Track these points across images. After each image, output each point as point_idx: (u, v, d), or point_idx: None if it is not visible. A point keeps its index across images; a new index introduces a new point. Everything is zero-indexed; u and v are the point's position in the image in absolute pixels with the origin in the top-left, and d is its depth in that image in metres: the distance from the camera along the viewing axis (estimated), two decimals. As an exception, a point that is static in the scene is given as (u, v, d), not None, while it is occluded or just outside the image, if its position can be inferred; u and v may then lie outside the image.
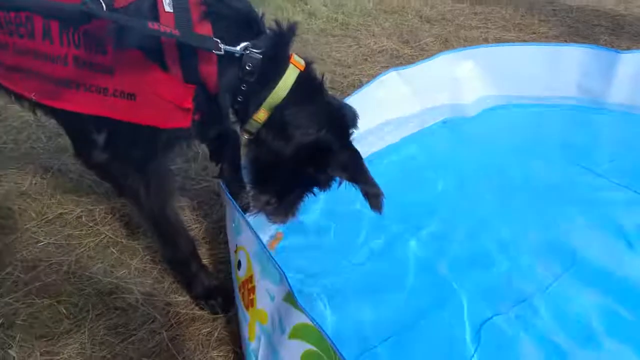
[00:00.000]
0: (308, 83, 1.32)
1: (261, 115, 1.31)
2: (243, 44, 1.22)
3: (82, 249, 1.73)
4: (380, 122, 2.12)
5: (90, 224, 1.83)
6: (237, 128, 1.41)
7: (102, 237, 1.78)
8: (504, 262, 1.63)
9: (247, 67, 1.23)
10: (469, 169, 2.03)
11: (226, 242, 1.77)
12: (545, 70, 2.38)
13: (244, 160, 1.51)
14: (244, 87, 1.27)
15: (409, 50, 3.14)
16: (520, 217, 1.79)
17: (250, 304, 1.33)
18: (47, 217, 1.84)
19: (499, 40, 3.29)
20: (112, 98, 1.21)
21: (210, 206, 1.92)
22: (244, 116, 1.33)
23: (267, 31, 1.28)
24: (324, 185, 1.42)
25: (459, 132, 2.26)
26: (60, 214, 1.87)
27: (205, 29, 1.19)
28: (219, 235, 1.80)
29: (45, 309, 1.53)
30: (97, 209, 1.88)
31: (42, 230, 1.79)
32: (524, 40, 3.27)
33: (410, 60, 2.87)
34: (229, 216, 1.53)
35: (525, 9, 3.76)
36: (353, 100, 1.92)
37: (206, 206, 1.92)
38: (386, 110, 2.14)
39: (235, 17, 1.25)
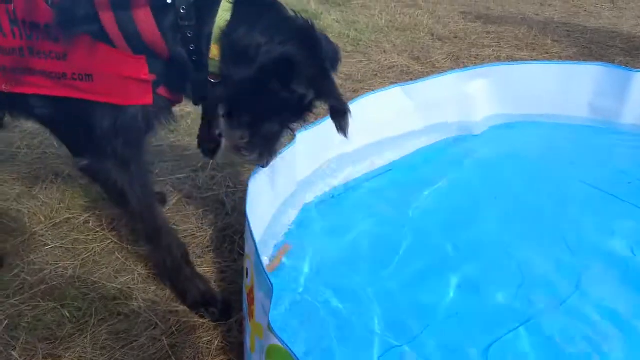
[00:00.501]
0: (252, 2, 1.27)
1: (214, 51, 1.26)
2: None
3: (88, 254, 1.75)
4: (382, 138, 2.12)
5: (97, 229, 1.85)
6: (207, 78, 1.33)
7: (108, 242, 1.80)
8: (513, 280, 1.60)
9: (182, 11, 1.22)
10: (476, 187, 2.02)
11: (230, 251, 1.79)
12: (557, 88, 2.36)
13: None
14: (189, 34, 1.24)
15: (420, 67, 3.16)
16: (529, 236, 1.76)
17: (250, 315, 1.33)
18: (55, 221, 1.87)
19: (511, 59, 3.30)
20: (72, 81, 1.25)
21: (216, 215, 1.94)
22: (203, 62, 1.29)
23: None
24: (295, 111, 1.35)
25: (466, 149, 2.26)
26: (68, 218, 1.89)
27: None
28: (223, 243, 1.81)
29: (49, 312, 1.54)
30: (104, 215, 1.90)
31: (49, 234, 1.82)
32: (537, 60, 3.28)
33: (420, 77, 2.88)
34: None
35: (539, 29, 3.78)
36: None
37: (212, 215, 1.93)
38: (388, 125, 2.13)
39: None
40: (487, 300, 1.54)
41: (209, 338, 1.50)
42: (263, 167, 1.52)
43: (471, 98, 2.33)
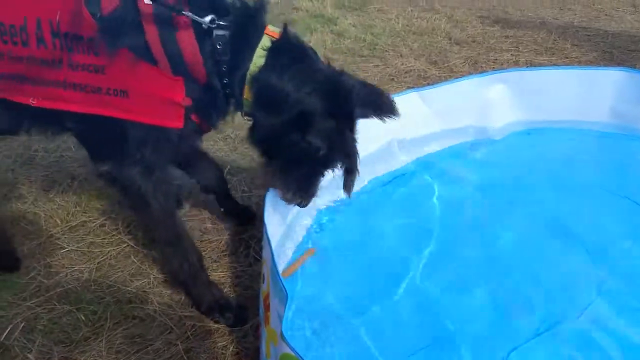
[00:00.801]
0: (284, 50, 1.28)
1: (247, 93, 1.30)
2: (209, 17, 1.22)
3: (104, 257, 1.75)
4: (398, 142, 2.09)
5: (113, 233, 1.85)
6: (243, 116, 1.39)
7: (123, 246, 1.80)
8: (532, 289, 1.57)
9: (219, 46, 1.25)
10: (495, 193, 1.98)
11: (246, 255, 1.77)
12: (578, 94, 2.31)
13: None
14: (224, 68, 1.27)
15: (437, 72, 3.13)
16: (549, 243, 1.73)
17: (266, 321, 1.31)
18: (71, 224, 1.87)
19: (530, 64, 3.25)
20: (106, 96, 1.26)
21: (230, 222, 1.92)
22: (237, 98, 1.33)
23: (234, 6, 1.28)
24: (319, 162, 1.35)
25: (485, 155, 2.22)
26: (84, 221, 1.89)
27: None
28: (239, 248, 1.79)
29: (65, 315, 1.54)
30: (121, 218, 1.91)
31: (65, 237, 1.82)
32: (556, 65, 3.23)
33: (438, 82, 2.85)
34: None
35: (558, 34, 3.72)
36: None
37: (227, 219, 1.92)
38: (404, 130, 2.10)
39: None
40: (506, 308, 1.51)
41: (224, 343, 1.48)
42: (300, 206, 1.49)
43: (489, 103, 2.29)
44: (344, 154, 1.32)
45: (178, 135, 1.33)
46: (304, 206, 1.49)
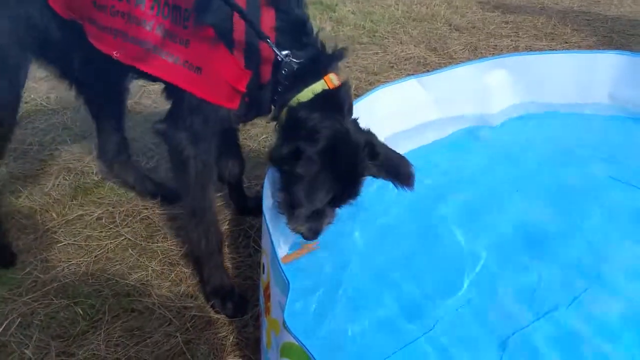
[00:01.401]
0: (330, 100, 1.38)
1: (283, 114, 1.41)
2: (285, 52, 1.34)
3: (101, 251, 1.72)
4: (398, 129, 2.06)
5: (110, 226, 1.82)
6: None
7: (121, 238, 1.77)
8: (531, 274, 1.55)
9: (283, 72, 1.36)
10: (494, 178, 1.95)
11: (245, 246, 1.75)
12: (577, 78, 2.28)
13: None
14: (279, 89, 1.39)
15: (437, 58, 3.09)
16: (549, 229, 1.71)
17: (267, 311, 1.29)
18: (67, 218, 1.84)
19: (529, 49, 3.21)
20: (181, 67, 1.34)
21: (232, 210, 1.89)
22: (276, 113, 1.45)
23: (315, 45, 1.40)
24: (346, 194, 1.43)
25: (485, 140, 2.19)
26: (81, 215, 1.86)
27: (268, 21, 1.32)
28: (238, 238, 1.77)
29: (62, 310, 1.52)
30: (118, 211, 1.88)
31: (62, 231, 1.79)
32: (556, 50, 3.19)
33: (437, 68, 2.81)
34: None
35: (558, 19, 3.68)
36: (365, 104, 1.86)
37: (227, 210, 1.89)
38: (404, 116, 2.07)
39: (294, 23, 1.37)
40: (504, 294, 1.49)
41: (224, 334, 1.46)
42: (308, 240, 1.51)
43: (489, 89, 2.27)
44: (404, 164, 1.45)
45: (229, 114, 1.41)
46: (309, 239, 1.51)
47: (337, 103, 1.39)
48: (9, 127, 1.59)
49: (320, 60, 1.39)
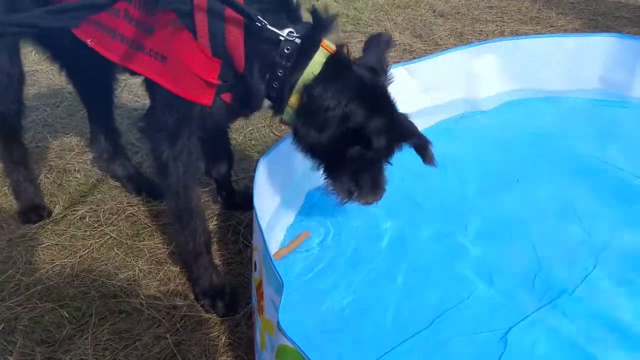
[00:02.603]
0: (336, 63, 1.29)
1: (293, 99, 1.30)
2: (287, 30, 1.25)
3: (86, 251, 1.67)
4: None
5: (95, 225, 1.77)
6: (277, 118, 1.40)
7: (106, 238, 1.72)
8: (527, 262, 1.54)
9: (286, 51, 1.25)
10: (487, 165, 1.93)
11: (235, 242, 1.71)
12: (566, 62, 2.27)
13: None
14: (280, 72, 1.28)
15: (422, 45, 3.06)
16: (544, 215, 1.69)
17: (260, 310, 1.25)
18: (50, 218, 1.79)
19: (515, 34, 3.19)
20: (147, 57, 1.27)
21: (220, 205, 1.85)
22: (279, 103, 1.34)
23: (304, 19, 1.32)
24: (385, 152, 1.37)
25: (475, 127, 2.17)
26: (64, 214, 1.81)
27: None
28: (227, 234, 1.73)
29: (47, 313, 1.47)
30: (102, 209, 1.83)
31: (44, 231, 1.74)
32: (542, 34, 3.17)
33: (423, 55, 2.78)
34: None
35: (543, 2, 3.66)
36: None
37: (215, 205, 1.85)
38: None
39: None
40: (504, 284, 1.47)
41: (215, 334, 1.43)
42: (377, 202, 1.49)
43: (478, 75, 2.23)
44: (413, 136, 1.35)
45: (204, 111, 1.32)
46: (378, 201, 1.49)
47: (345, 62, 1.31)
48: (18, 104, 1.66)
49: (317, 30, 1.30)
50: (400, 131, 1.34)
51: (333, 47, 1.31)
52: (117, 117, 2.28)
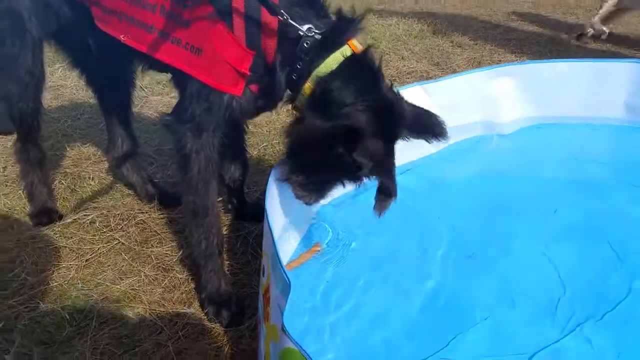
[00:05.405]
0: (360, 64, 1.28)
1: (307, 86, 1.30)
2: (307, 26, 1.26)
3: (93, 255, 1.65)
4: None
5: (104, 230, 1.75)
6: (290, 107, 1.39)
7: (114, 243, 1.70)
8: (554, 288, 1.45)
9: (305, 45, 1.27)
10: (506, 188, 1.88)
11: (244, 252, 1.68)
12: (590, 88, 2.23)
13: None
14: (299, 65, 1.29)
15: (440, 73, 3.06)
16: (570, 240, 1.61)
17: (266, 317, 1.21)
18: (61, 221, 1.78)
19: (534, 65, 3.18)
20: (182, 50, 1.29)
21: (230, 216, 1.83)
22: (295, 92, 1.34)
23: (329, 15, 1.32)
24: (352, 175, 1.32)
25: (494, 150, 2.13)
26: (75, 218, 1.80)
27: None
28: (236, 244, 1.70)
29: (48, 314, 1.44)
30: (113, 215, 1.81)
31: (54, 233, 1.73)
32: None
33: (442, 81, 2.78)
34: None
35: (562, 35, 3.67)
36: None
37: (226, 216, 1.83)
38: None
39: None
40: (526, 309, 1.39)
41: (218, 344, 1.38)
42: (307, 205, 1.45)
43: (497, 97, 2.20)
44: (385, 176, 1.30)
45: (235, 101, 1.33)
46: (310, 205, 1.45)
47: (371, 67, 1.29)
48: (36, 104, 1.68)
49: (340, 27, 1.29)
50: (383, 166, 1.29)
51: (360, 48, 1.30)
52: (136, 130, 2.31)
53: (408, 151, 1.95)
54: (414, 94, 2.05)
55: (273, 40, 1.27)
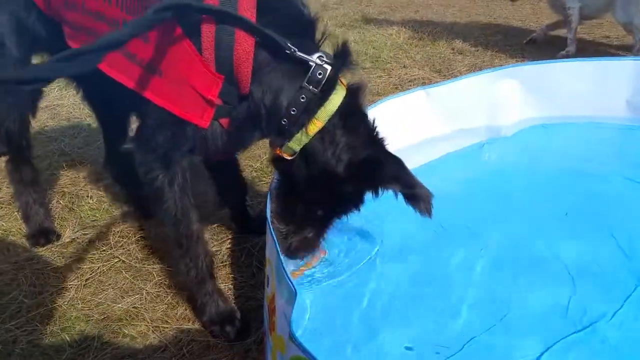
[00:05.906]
0: (353, 103, 1.25)
1: (312, 127, 1.19)
2: (317, 54, 1.16)
3: (93, 274, 1.60)
4: (406, 141, 1.93)
5: (103, 248, 1.70)
6: (274, 147, 1.27)
7: (114, 261, 1.65)
8: (560, 285, 1.41)
9: (318, 75, 1.15)
10: (511, 190, 1.83)
11: (248, 265, 1.62)
12: (592, 87, 2.19)
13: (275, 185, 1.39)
14: (303, 98, 1.17)
15: (442, 79, 3.02)
16: (578, 238, 1.57)
17: (272, 328, 1.15)
18: (59, 241, 1.73)
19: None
20: (136, 66, 1.15)
21: (234, 229, 1.78)
22: (290, 130, 1.20)
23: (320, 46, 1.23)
24: (356, 205, 1.34)
25: (499, 152, 2.09)
26: (73, 238, 1.75)
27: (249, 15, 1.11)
28: (240, 257, 1.64)
29: (47, 337, 1.39)
30: (112, 233, 1.77)
31: (52, 254, 1.68)
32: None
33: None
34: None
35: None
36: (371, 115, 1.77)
37: (229, 229, 1.78)
38: (413, 128, 1.98)
39: (285, 13, 1.19)
40: (536, 307, 1.35)
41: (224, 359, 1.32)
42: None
43: (500, 99, 2.17)
44: (418, 187, 1.27)
45: (200, 134, 1.20)
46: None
47: (359, 105, 1.27)
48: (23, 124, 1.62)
49: (343, 61, 1.20)
50: (407, 180, 1.26)
51: (345, 84, 1.26)
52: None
53: (409, 157, 1.92)
54: (417, 98, 2.02)
55: (248, 65, 1.12)
